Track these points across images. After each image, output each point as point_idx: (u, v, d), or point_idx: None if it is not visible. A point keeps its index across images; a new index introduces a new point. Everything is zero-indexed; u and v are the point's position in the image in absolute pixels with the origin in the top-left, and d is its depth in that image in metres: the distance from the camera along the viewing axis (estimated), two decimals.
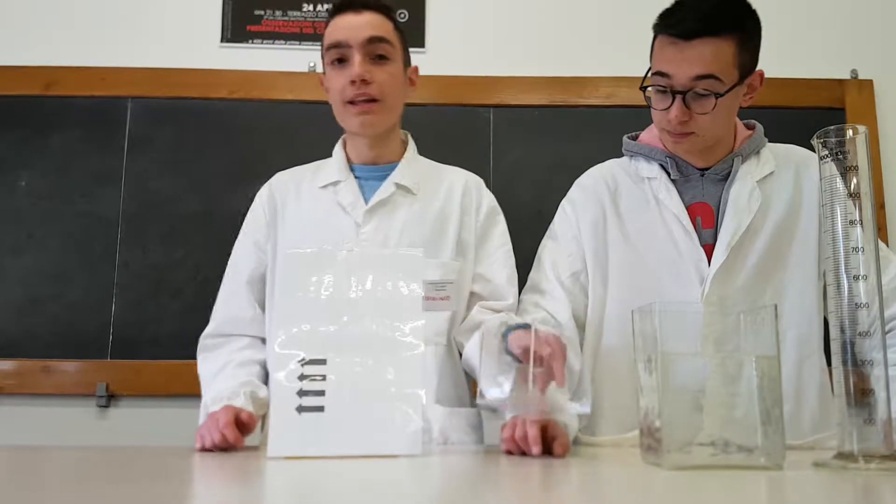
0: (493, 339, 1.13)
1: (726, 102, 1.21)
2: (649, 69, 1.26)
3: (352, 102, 1.35)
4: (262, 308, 1.43)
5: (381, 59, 1.35)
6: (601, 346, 1.33)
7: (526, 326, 1.10)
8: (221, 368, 1.35)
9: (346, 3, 1.37)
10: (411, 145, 1.49)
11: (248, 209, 2.37)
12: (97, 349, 2.21)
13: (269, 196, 1.47)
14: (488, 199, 1.47)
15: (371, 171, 1.43)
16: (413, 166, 1.45)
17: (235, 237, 2.40)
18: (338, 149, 1.47)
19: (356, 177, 1.43)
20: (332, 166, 1.45)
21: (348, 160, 1.45)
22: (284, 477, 0.82)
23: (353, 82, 1.33)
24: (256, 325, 1.41)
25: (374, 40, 1.34)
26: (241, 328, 1.41)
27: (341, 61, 1.36)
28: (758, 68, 1.27)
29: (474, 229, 1.43)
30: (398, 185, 1.40)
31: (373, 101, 1.34)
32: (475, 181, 1.49)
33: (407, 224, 1.38)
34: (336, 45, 1.35)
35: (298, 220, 1.42)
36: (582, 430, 1.33)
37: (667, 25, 1.21)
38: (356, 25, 1.34)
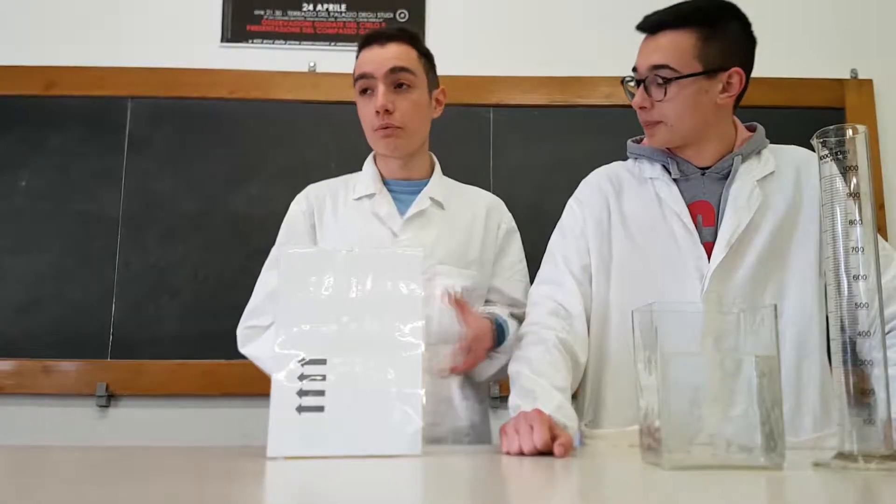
0: None
1: (686, 93, 1.27)
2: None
3: (379, 129, 1.43)
4: None
5: (403, 87, 1.43)
6: (604, 340, 1.35)
7: None
8: None
9: (373, 37, 1.45)
10: (438, 165, 1.58)
11: (247, 209, 2.38)
12: (97, 349, 2.21)
13: (307, 206, 1.53)
14: (507, 219, 1.58)
15: (404, 186, 1.52)
16: (442, 184, 1.55)
17: (235, 237, 2.40)
18: (369, 164, 1.55)
19: (390, 190, 1.51)
20: (366, 180, 1.52)
21: (381, 175, 1.52)
22: (284, 477, 0.82)
23: (377, 112, 1.41)
24: None
25: (395, 70, 1.41)
26: None
27: (368, 91, 1.44)
28: (752, 70, 1.31)
29: (493, 247, 1.53)
30: (432, 200, 1.49)
31: (397, 127, 1.43)
32: (497, 204, 1.59)
33: (440, 236, 1.46)
34: (362, 77, 1.43)
35: (337, 230, 1.49)
36: (586, 424, 1.35)
37: (640, 24, 1.32)
38: (380, 58, 1.42)
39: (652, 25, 1.29)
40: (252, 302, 1.49)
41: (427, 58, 1.50)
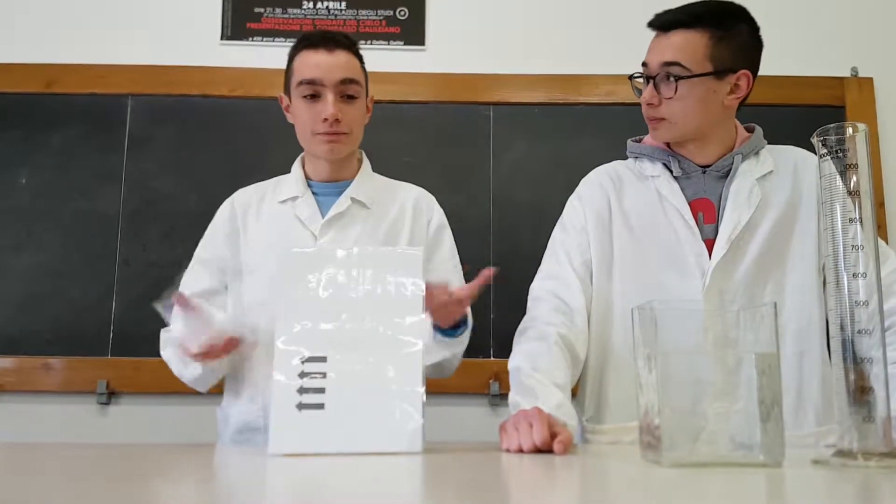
0: None
1: (696, 92, 1.28)
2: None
3: (325, 134, 1.42)
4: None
5: (350, 97, 1.43)
6: (606, 336, 1.36)
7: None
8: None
9: (319, 41, 1.43)
10: (366, 163, 1.57)
11: None
12: (97, 346, 2.21)
13: (230, 213, 1.54)
14: (438, 215, 1.56)
15: (328, 188, 1.51)
16: (367, 182, 1.54)
17: None
18: (296, 166, 1.55)
19: (314, 193, 1.51)
20: (291, 182, 1.53)
21: (307, 177, 1.53)
22: (285, 474, 0.83)
23: (325, 119, 1.41)
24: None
25: (346, 82, 1.42)
26: None
27: (313, 96, 1.42)
28: (758, 73, 1.33)
29: (423, 243, 1.50)
30: (354, 200, 1.49)
31: (343, 133, 1.43)
32: (426, 198, 1.57)
33: (361, 237, 1.46)
34: (310, 83, 1.41)
35: (260, 234, 1.50)
36: (588, 420, 1.36)
37: (653, 21, 1.32)
38: (330, 66, 1.41)
39: (664, 23, 1.30)
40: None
41: (364, 65, 1.50)
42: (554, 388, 1.19)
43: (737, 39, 1.29)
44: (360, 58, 1.48)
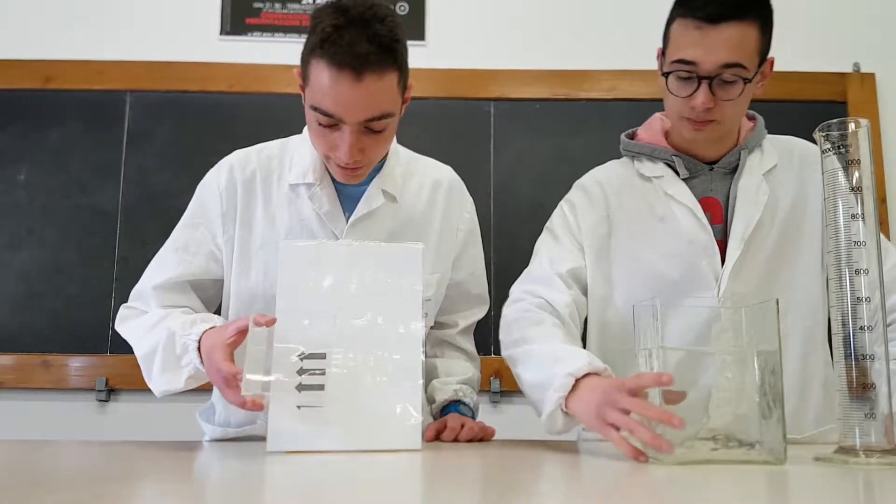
0: None
1: (749, 90, 1.19)
2: (662, 51, 1.22)
3: (343, 168, 1.18)
4: (201, 300, 1.29)
5: (376, 132, 1.15)
6: (605, 346, 1.30)
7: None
8: (160, 319, 1.19)
9: (347, 56, 1.07)
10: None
11: None
12: (96, 343, 2.21)
13: (229, 184, 1.28)
14: (469, 205, 1.41)
15: None
16: (396, 164, 1.32)
17: None
18: (309, 141, 1.25)
19: (333, 179, 1.26)
20: (306, 162, 1.27)
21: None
22: (284, 472, 0.82)
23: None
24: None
25: (372, 120, 1.12)
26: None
27: (330, 125, 1.13)
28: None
29: (453, 238, 1.37)
30: (384, 193, 1.28)
31: (360, 167, 1.19)
32: (457, 184, 1.40)
33: (391, 237, 1.26)
34: (324, 114, 1.11)
35: (268, 222, 1.26)
36: (586, 428, 1.32)
37: (691, 8, 1.16)
38: (353, 100, 1.09)
39: (713, 15, 1.14)
40: (142, 283, 1.29)
41: (404, 67, 1.15)
42: (570, 346, 1.14)
43: (770, 26, 1.20)
44: (400, 63, 1.12)
